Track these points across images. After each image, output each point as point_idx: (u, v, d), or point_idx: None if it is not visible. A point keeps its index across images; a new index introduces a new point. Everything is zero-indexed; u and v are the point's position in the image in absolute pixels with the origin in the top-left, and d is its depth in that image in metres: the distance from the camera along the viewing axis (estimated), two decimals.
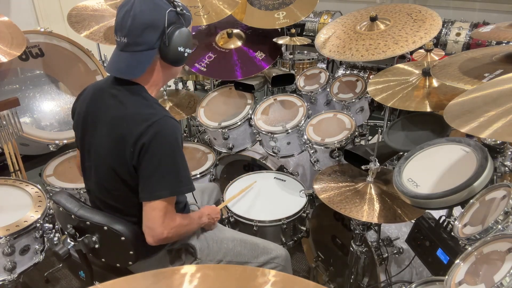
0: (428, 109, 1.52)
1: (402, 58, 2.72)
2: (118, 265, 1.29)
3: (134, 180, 1.19)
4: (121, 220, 1.21)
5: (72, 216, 1.21)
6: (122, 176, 1.19)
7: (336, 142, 1.87)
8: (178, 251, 1.42)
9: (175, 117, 1.21)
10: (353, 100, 2.18)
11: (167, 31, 1.15)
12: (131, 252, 1.19)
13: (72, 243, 1.23)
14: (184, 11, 1.20)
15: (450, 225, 1.25)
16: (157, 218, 1.16)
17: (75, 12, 2.43)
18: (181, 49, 1.19)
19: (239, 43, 2.45)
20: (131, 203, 1.24)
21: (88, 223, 1.19)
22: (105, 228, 1.17)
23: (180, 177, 1.18)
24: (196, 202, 1.65)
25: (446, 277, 0.85)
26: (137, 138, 1.13)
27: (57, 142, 2.35)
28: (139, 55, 1.16)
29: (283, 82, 2.36)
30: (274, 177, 2.06)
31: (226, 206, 1.81)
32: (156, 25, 1.14)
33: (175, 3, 1.18)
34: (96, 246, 1.23)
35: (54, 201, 1.26)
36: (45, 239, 1.66)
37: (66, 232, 1.22)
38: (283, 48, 3.01)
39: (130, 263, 1.23)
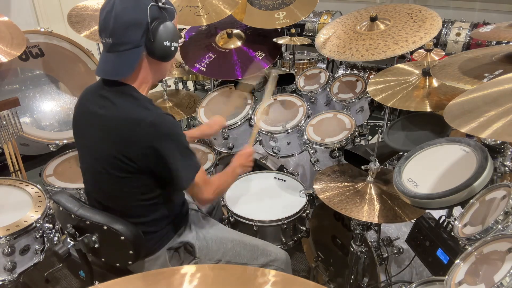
0: (428, 109, 1.52)
1: (402, 58, 2.73)
2: (117, 264, 1.29)
3: (134, 180, 1.19)
4: (121, 220, 1.21)
5: (72, 215, 1.21)
6: (119, 175, 1.19)
7: (336, 142, 1.87)
8: (177, 249, 1.42)
9: (175, 117, 1.22)
10: (353, 100, 2.18)
11: (151, 27, 1.13)
12: (130, 252, 1.20)
13: (72, 242, 1.23)
14: (167, 5, 1.18)
15: (450, 225, 1.26)
16: (199, 192, 1.30)
17: (75, 12, 2.43)
18: (167, 43, 1.17)
19: (239, 43, 2.45)
20: (129, 204, 1.24)
21: (88, 222, 1.19)
22: (105, 227, 1.18)
23: (192, 156, 1.26)
24: (193, 200, 1.65)
25: (446, 277, 0.85)
26: (141, 141, 1.13)
27: (57, 142, 2.35)
28: (125, 55, 1.15)
29: (283, 82, 2.36)
30: (274, 177, 2.06)
31: (226, 206, 1.81)
32: (139, 22, 1.13)
33: None
34: (96, 245, 1.23)
35: (54, 201, 1.26)
36: (45, 239, 1.66)
37: (66, 232, 1.22)
38: (283, 48, 3.01)
39: (130, 262, 1.23)
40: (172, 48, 1.20)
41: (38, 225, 1.59)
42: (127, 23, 1.12)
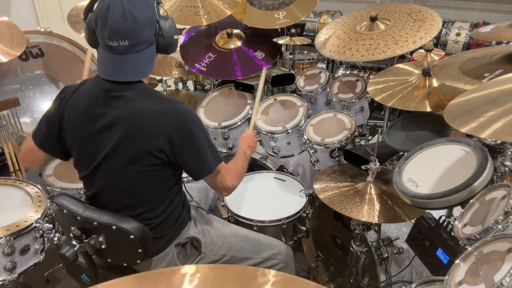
0: (428, 109, 1.52)
1: (402, 58, 2.72)
2: (125, 264, 1.29)
3: (158, 173, 1.23)
4: (129, 219, 1.20)
5: (78, 217, 1.19)
6: (145, 170, 1.21)
7: (336, 142, 1.87)
8: (184, 245, 1.43)
9: None
10: (353, 100, 2.18)
11: (160, 24, 1.18)
12: (139, 250, 1.19)
13: (78, 245, 1.21)
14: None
15: (450, 225, 1.26)
16: (223, 180, 1.34)
17: (75, 12, 2.43)
18: (175, 37, 1.23)
19: (239, 43, 2.45)
20: (148, 200, 1.26)
21: (95, 223, 1.18)
22: (114, 227, 1.16)
23: (214, 146, 1.30)
24: (192, 198, 1.65)
25: (446, 277, 0.85)
26: (165, 131, 1.17)
27: None
28: (143, 54, 1.18)
29: (283, 82, 2.36)
30: (274, 177, 2.06)
31: (226, 206, 1.81)
32: (152, 20, 1.16)
33: None
34: (103, 246, 1.22)
35: (57, 204, 1.23)
36: (45, 239, 1.66)
37: (71, 234, 1.20)
38: (283, 48, 3.02)
39: (138, 261, 1.22)
40: (178, 41, 1.27)
41: (38, 225, 1.59)
42: (144, 23, 1.14)
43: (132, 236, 1.16)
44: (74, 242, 1.21)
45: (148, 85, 1.25)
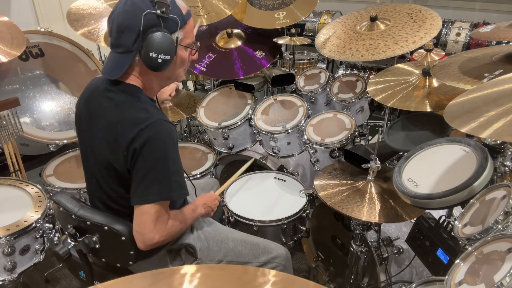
0: (428, 109, 1.52)
1: (402, 58, 2.72)
2: (118, 265, 1.29)
3: (129, 182, 1.18)
4: (122, 220, 1.21)
5: (73, 216, 1.21)
6: (117, 178, 1.19)
7: (336, 142, 1.87)
8: (178, 251, 1.42)
9: (175, 117, 1.22)
10: (353, 100, 2.18)
11: (142, 35, 1.11)
12: (131, 252, 1.20)
13: (73, 243, 1.23)
14: (170, 14, 1.13)
15: (450, 225, 1.26)
16: (147, 223, 1.14)
17: (74, 9, 2.43)
18: (153, 54, 1.12)
19: (239, 43, 2.45)
20: (128, 205, 1.23)
21: (88, 223, 1.19)
22: (106, 228, 1.18)
23: (171, 182, 1.16)
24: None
25: (446, 277, 0.85)
26: (130, 142, 1.11)
27: (57, 142, 2.35)
28: (119, 57, 1.17)
29: (283, 82, 2.36)
30: (274, 177, 2.06)
31: (226, 206, 1.81)
32: (132, 28, 1.11)
33: (161, 3, 1.11)
34: (97, 246, 1.23)
35: (54, 201, 1.26)
36: (45, 239, 1.66)
37: (66, 232, 1.22)
38: (283, 48, 3.01)
39: (131, 263, 1.23)
40: (159, 60, 1.14)
41: (38, 225, 1.59)
42: (121, 27, 1.13)
43: (123, 238, 1.17)
44: (69, 240, 1.23)
45: (144, 93, 1.21)
